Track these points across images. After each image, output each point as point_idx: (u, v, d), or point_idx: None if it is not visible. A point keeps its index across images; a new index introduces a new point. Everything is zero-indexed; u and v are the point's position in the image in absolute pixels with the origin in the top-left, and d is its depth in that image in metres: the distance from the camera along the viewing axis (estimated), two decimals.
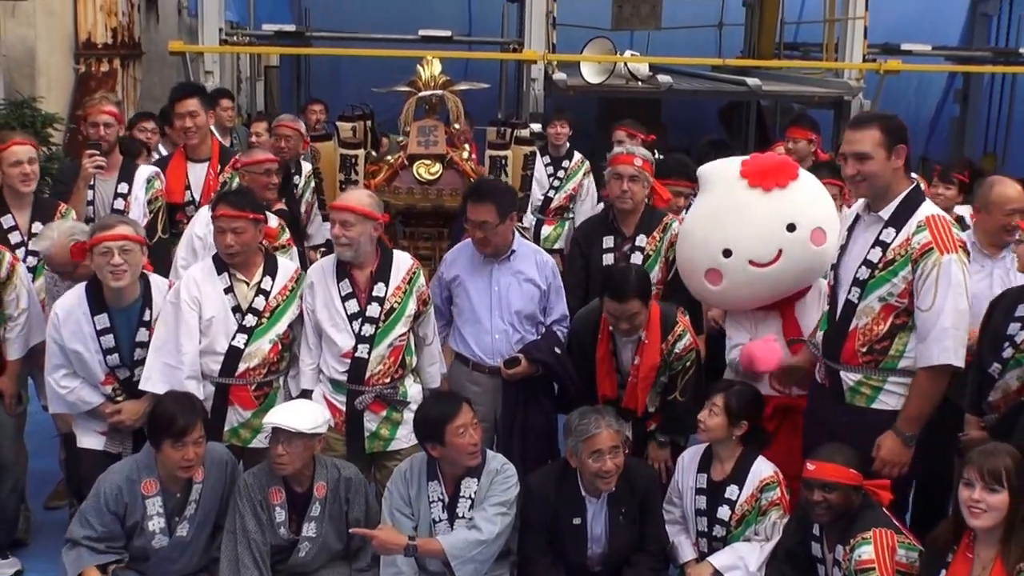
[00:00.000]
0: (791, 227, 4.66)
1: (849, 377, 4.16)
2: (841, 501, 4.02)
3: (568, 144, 8.23)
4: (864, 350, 4.12)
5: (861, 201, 4.28)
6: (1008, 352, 4.19)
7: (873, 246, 4.10)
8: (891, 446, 4.07)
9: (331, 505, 4.40)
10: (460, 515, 4.35)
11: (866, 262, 4.10)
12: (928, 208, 4.11)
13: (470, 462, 4.31)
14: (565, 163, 8.21)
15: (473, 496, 4.35)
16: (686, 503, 4.64)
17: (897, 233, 4.06)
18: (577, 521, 4.44)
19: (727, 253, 4.73)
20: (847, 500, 4.02)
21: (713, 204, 4.88)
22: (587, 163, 8.16)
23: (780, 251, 4.66)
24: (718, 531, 4.52)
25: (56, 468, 5.41)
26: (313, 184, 6.31)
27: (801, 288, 4.82)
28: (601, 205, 7.34)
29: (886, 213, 4.10)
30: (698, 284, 4.90)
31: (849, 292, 4.14)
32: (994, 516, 3.53)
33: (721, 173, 4.88)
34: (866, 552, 3.87)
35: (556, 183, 8.13)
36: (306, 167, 6.65)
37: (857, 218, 4.24)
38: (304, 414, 4.26)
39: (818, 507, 4.06)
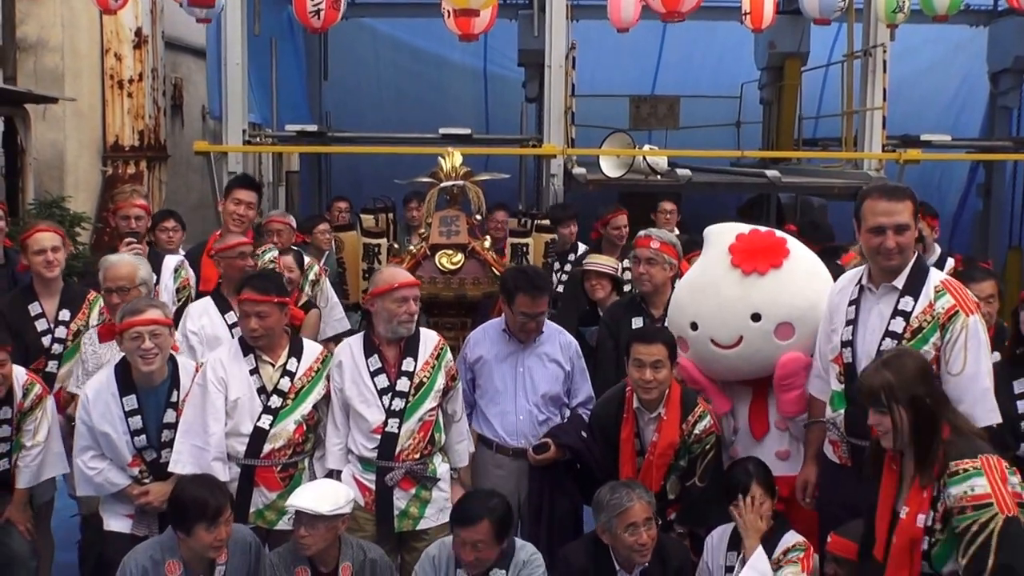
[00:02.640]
0: (755, 317, 4.61)
1: None
2: None
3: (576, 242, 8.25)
4: None
5: (856, 273, 4.25)
6: None
7: (893, 316, 4.08)
8: None
9: None
10: None
11: (889, 334, 4.08)
12: (937, 273, 4.18)
13: (469, 571, 4.25)
14: (570, 256, 8.20)
15: None
16: None
17: (915, 301, 4.06)
18: None
19: (694, 326, 4.74)
20: None
21: (698, 274, 4.90)
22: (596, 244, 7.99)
23: (741, 337, 4.63)
24: None
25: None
26: (312, 278, 6.37)
27: (764, 376, 4.71)
28: None
29: (899, 283, 4.10)
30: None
31: None
32: (892, 435, 3.54)
33: (718, 239, 4.85)
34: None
35: (564, 277, 7.96)
36: (307, 260, 6.64)
37: (861, 291, 4.19)
38: (326, 496, 4.22)
39: None
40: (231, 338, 5.13)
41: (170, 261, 5.92)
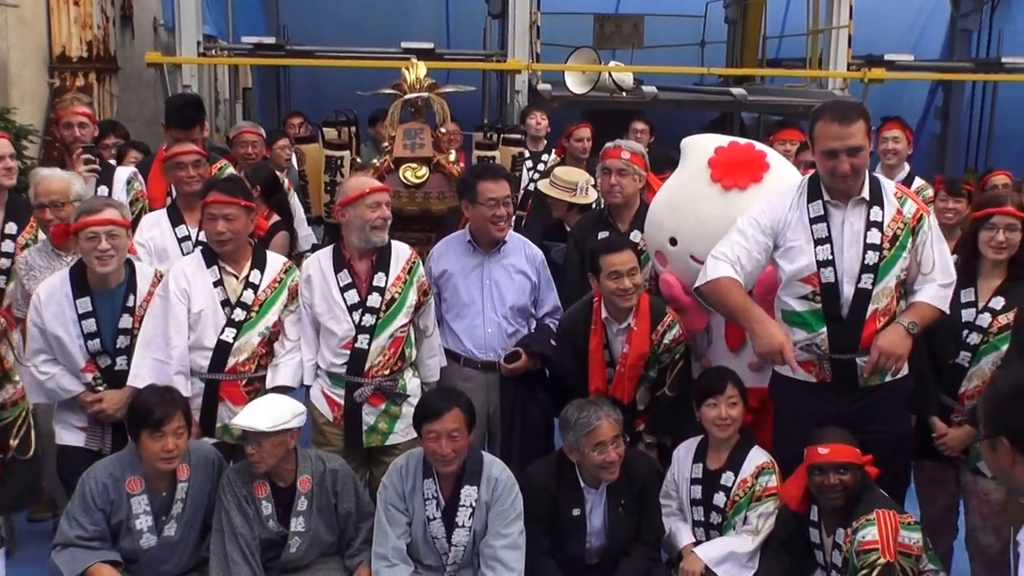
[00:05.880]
0: None
1: (864, 360, 4.08)
2: (853, 482, 4.02)
3: (547, 140, 8.12)
4: (882, 328, 4.07)
5: (794, 187, 4.21)
6: (975, 339, 4.31)
7: (868, 229, 4.06)
8: (892, 336, 4.02)
9: (318, 498, 4.29)
10: (460, 524, 4.23)
11: (869, 246, 4.05)
12: (887, 179, 4.28)
13: (439, 467, 4.20)
14: (545, 156, 8.09)
15: (474, 505, 4.23)
16: (682, 494, 4.57)
17: (882, 210, 4.07)
18: (576, 512, 4.37)
19: (673, 242, 4.71)
20: (856, 480, 4.03)
21: (677, 188, 4.83)
22: (561, 159, 7.93)
23: None
24: (714, 518, 4.46)
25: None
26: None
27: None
28: None
29: (866, 194, 4.09)
30: (654, 261, 4.94)
31: (860, 281, 4.05)
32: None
33: (697, 151, 4.78)
34: (870, 533, 3.86)
35: (536, 176, 7.83)
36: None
37: (825, 206, 4.11)
38: (267, 413, 4.12)
39: (833, 491, 4.04)
40: (179, 253, 5.02)
41: (122, 173, 5.70)
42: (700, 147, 4.78)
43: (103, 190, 5.59)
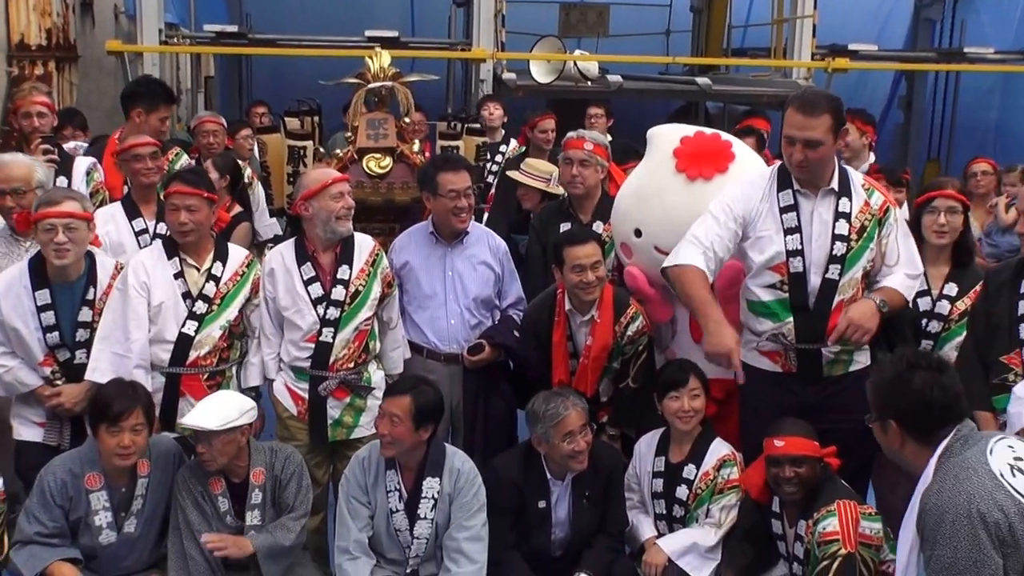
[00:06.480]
0: None
1: (831, 351, 4.12)
2: (810, 474, 4.04)
3: (504, 130, 8.09)
4: None
5: (764, 177, 4.23)
6: (935, 327, 4.39)
7: (836, 219, 4.08)
8: (863, 308, 4.06)
9: (272, 491, 4.25)
10: (422, 516, 4.22)
11: (837, 237, 4.07)
12: (854, 171, 4.32)
13: (384, 452, 4.18)
14: (502, 148, 8.06)
15: (436, 497, 4.21)
16: (644, 487, 4.58)
17: (850, 201, 4.10)
18: (542, 504, 4.37)
19: (638, 233, 4.70)
20: (814, 473, 4.04)
21: (643, 179, 4.83)
22: (525, 150, 7.88)
23: None
24: (677, 511, 4.47)
25: None
26: (245, 180, 6.18)
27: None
28: None
29: (835, 185, 4.11)
30: (618, 252, 4.93)
31: (827, 271, 4.08)
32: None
33: (663, 141, 4.78)
34: (831, 524, 3.88)
35: (495, 168, 7.85)
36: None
37: (795, 196, 4.13)
38: (214, 411, 4.08)
39: (789, 483, 4.05)
40: (137, 247, 4.95)
41: (81, 164, 5.59)
42: (666, 137, 4.78)
43: (62, 181, 5.51)
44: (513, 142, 8.10)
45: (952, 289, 4.41)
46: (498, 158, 7.95)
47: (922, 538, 2.82)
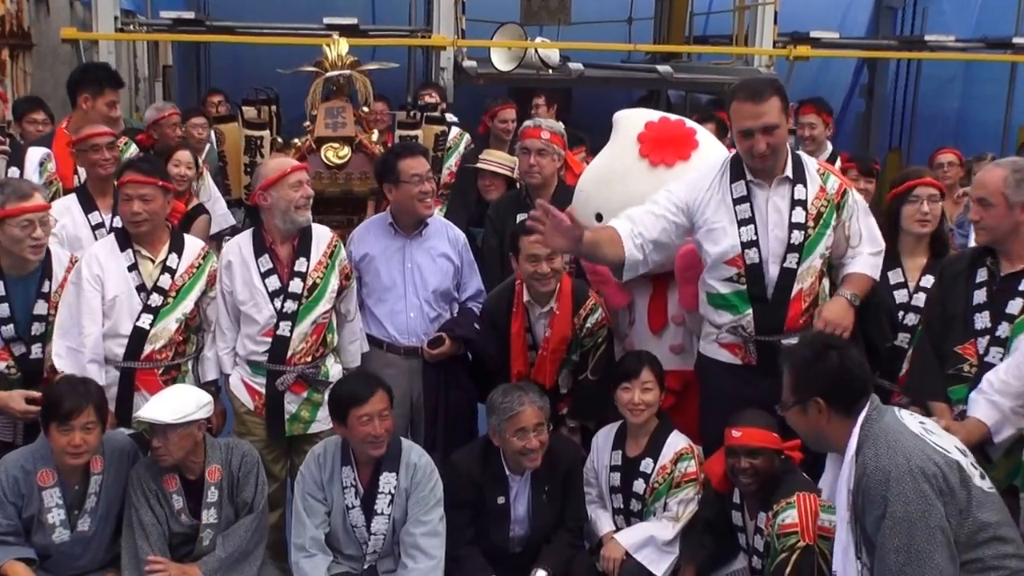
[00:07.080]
0: None
1: (790, 342, 4.08)
2: (766, 466, 4.04)
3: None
4: (806, 309, 4.12)
5: (715, 168, 4.21)
6: (912, 319, 4.37)
7: (793, 208, 4.08)
8: (836, 308, 4.10)
9: (228, 488, 4.21)
10: (379, 511, 4.19)
11: (794, 225, 4.07)
12: (808, 157, 4.32)
13: (371, 451, 4.14)
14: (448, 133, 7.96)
15: (393, 492, 4.18)
16: (601, 481, 4.58)
17: (806, 188, 4.09)
18: (501, 500, 4.35)
19: (599, 218, 4.65)
20: (771, 465, 4.04)
21: (606, 163, 4.81)
22: (467, 136, 7.77)
23: None
24: (634, 505, 4.47)
25: None
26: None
27: (667, 270, 4.61)
28: None
29: (789, 172, 4.10)
30: None
31: (784, 260, 4.08)
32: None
33: (627, 125, 4.76)
34: (790, 516, 3.89)
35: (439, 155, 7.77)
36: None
37: (748, 187, 4.13)
38: (170, 404, 4.04)
39: (744, 475, 4.05)
40: (93, 240, 4.86)
41: (34, 154, 5.48)
42: (631, 121, 4.77)
43: (13, 171, 5.41)
44: (455, 128, 7.97)
45: (929, 281, 4.37)
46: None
47: (865, 503, 3.00)
